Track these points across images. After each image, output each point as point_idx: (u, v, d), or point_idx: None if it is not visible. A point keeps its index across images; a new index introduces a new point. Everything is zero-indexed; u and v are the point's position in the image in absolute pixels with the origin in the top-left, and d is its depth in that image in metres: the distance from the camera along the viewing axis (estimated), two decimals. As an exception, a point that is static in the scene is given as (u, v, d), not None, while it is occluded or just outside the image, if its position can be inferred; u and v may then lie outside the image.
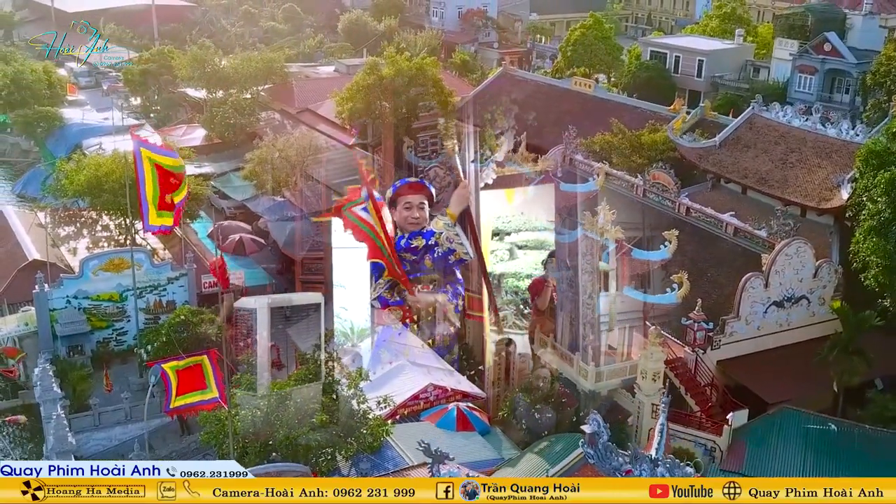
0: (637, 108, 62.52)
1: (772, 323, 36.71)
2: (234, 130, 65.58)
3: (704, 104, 59.48)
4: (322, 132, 63.80)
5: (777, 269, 35.97)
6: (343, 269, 41.05)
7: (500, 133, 65.11)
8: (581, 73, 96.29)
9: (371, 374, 36.81)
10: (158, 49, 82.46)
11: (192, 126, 70.33)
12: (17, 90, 72.85)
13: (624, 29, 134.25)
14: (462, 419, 33.48)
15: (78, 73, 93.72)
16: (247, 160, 56.53)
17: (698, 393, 34.54)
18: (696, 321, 35.28)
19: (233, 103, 65.38)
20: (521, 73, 73.35)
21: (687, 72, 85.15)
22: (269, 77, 72.23)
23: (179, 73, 71.79)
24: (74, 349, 41.85)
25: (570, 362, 34.97)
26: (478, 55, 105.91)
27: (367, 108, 60.12)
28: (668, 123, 55.98)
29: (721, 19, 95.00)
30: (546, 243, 46.83)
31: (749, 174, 44.60)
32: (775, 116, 46.40)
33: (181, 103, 76.80)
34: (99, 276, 42.41)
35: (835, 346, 33.59)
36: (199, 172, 62.05)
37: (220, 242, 51.36)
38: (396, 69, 59.95)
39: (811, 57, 76.83)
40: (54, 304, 41.63)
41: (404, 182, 41.51)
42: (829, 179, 41.71)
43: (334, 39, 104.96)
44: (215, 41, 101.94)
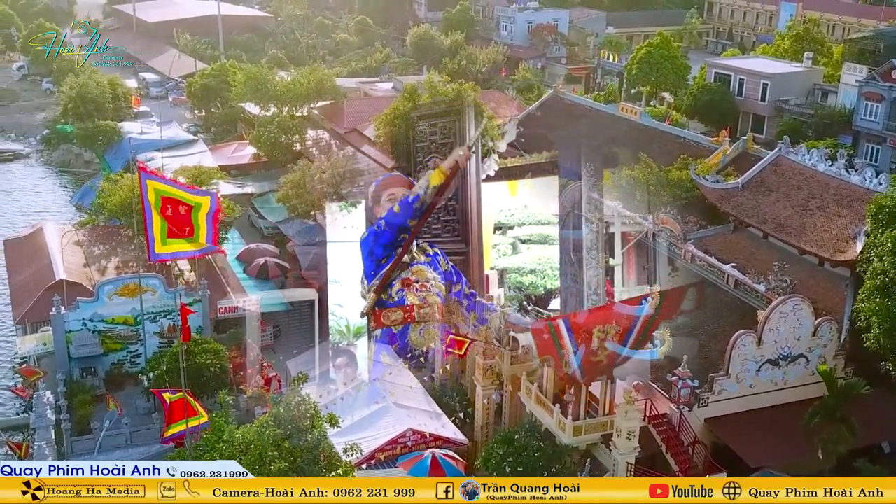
0: (680, 137, 61.40)
1: (766, 381, 35.58)
2: (281, 149, 66.52)
3: (747, 137, 57.92)
4: (366, 154, 64.41)
5: (771, 327, 34.83)
6: (338, 264, 40.84)
7: (503, 122, 64.84)
8: (647, 92, 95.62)
9: (367, 409, 37.36)
10: (220, 64, 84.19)
11: (243, 143, 71.64)
12: (81, 103, 75.37)
13: (704, 44, 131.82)
14: (436, 467, 33.32)
15: (150, 83, 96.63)
16: (281, 183, 57.46)
17: (679, 452, 33.71)
18: (682, 378, 34.47)
19: (279, 122, 66.33)
20: (570, 96, 72.66)
21: (751, 95, 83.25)
22: (321, 95, 73.05)
23: (234, 91, 73.26)
24: (88, 371, 43.24)
25: (550, 413, 34.53)
26: (545, 71, 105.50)
27: (405, 134, 60.32)
28: (709, 156, 55.02)
29: (793, 40, 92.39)
30: (550, 237, 46.38)
31: (768, 219, 43.33)
32: (801, 159, 44.95)
33: (238, 119, 78.34)
34: (114, 300, 43.67)
35: (817, 412, 32.37)
36: (240, 192, 63.48)
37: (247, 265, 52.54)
38: (433, 94, 60.01)
39: (878, 84, 74.15)
40: (70, 326, 43.05)
41: (388, 175, 40.67)
42: (847, 230, 40.25)
43: (403, 53, 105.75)
44: (287, 53, 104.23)
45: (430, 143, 56.08)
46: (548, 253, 47.79)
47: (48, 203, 74.91)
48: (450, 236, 49.07)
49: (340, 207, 46.76)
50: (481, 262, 48.16)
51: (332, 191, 57.16)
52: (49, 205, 74.57)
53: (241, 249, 54.48)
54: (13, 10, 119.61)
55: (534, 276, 47.97)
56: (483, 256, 48.46)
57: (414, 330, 37.59)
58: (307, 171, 56.63)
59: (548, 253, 47.79)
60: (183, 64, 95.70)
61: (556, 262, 46.07)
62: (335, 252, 43.70)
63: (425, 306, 37.86)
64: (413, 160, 54.21)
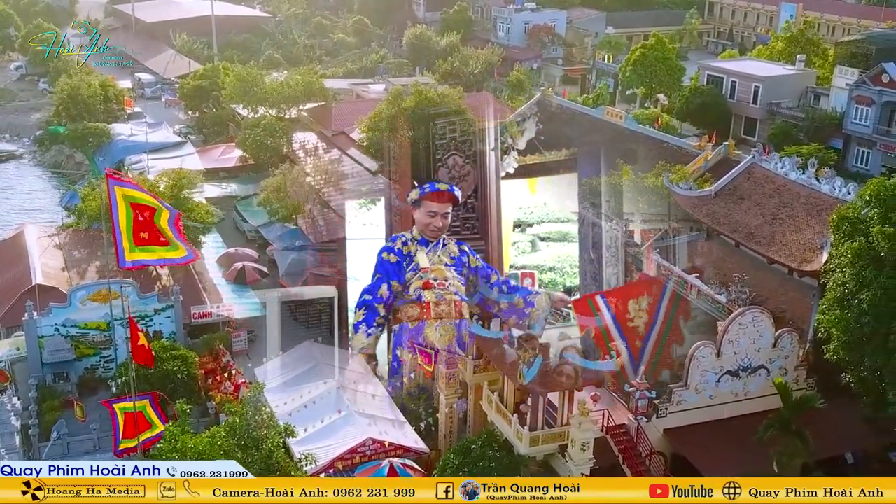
0: (664, 142, 61.26)
1: (726, 392, 35.58)
2: (267, 152, 66.67)
3: (729, 143, 57.80)
4: (351, 156, 64.59)
5: (731, 338, 34.83)
6: (358, 262, 41.04)
7: (522, 119, 64.82)
8: (642, 94, 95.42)
9: (329, 417, 37.54)
10: (213, 65, 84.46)
11: (231, 146, 71.86)
12: (73, 104, 75.78)
13: (705, 45, 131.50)
14: (393, 476, 33.48)
15: (146, 84, 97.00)
16: (262, 186, 57.67)
17: (636, 463, 33.74)
18: (639, 389, 34.49)
19: (265, 125, 66.54)
20: (558, 99, 72.53)
21: (743, 98, 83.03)
22: (310, 97, 73.23)
23: (223, 92, 73.52)
24: (60, 376, 43.49)
25: (508, 422, 34.58)
26: (542, 72, 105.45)
27: (391, 138, 60.43)
28: (690, 161, 54.95)
29: (787, 42, 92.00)
30: (569, 235, 46.66)
31: (739, 228, 43.24)
32: (774, 167, 44.85)
33: (228, 121, 78.59)
34: (87, 305, 43.89)
35: (771, 425, 32.34)
36: (225, 195, 63.75)
37: (225, 270, 52.72)
38: (419, 99, 60.09)
39: (868, 88, 73.92)
40: (43, 331, 43.30)
41: (434, 189, 40.19)
42: (814, 239, 40.15)
43: (400, 54, 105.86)
44: (284, 53, 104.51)
45: (450, 140, 56.90)
46: (567, 250, 48.16)
47: (44, 203, 75.18)
48: (469, 233, 49.54)
49: (360, 205, 47.07)
50: (501, 259, 48.49)
51: (315, 195, 57.44)
52: (45, 204, 74.85)
53: (221, 254, 54.60)
54: (14, 10, 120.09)
55: (553, 274, 48.22)
56: (502, 254, 48.82)
57: (430, 327, 37.76)
58: (288, 174, 56.82)
59: (567, 250, 48.16)
60: (178, 64, 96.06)
61: (575, 259, 46.51)
62: (355, 249, 43.95)
63: (442, 304, 38.04)
64: (432, 157, 54.50)
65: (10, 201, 76.20)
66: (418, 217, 39.10)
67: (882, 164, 72.70)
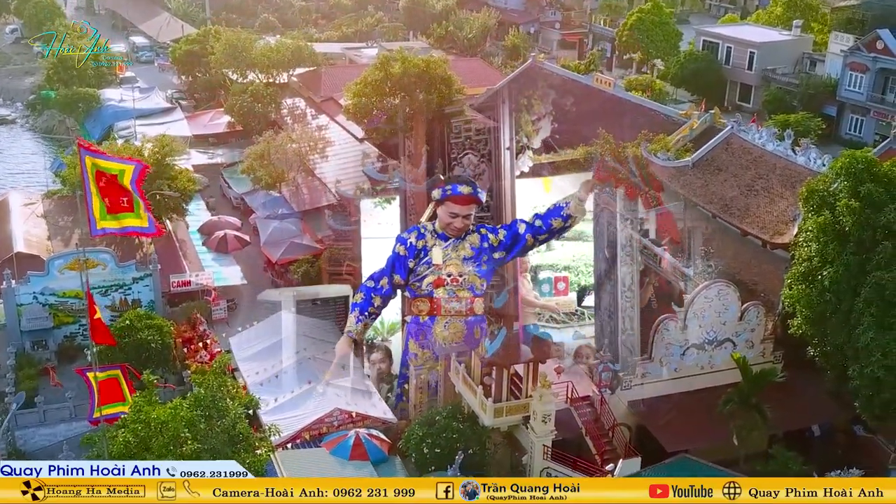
0: (652, 110, 60.68)
1: (692, 365, 35.75)
2: (255, 118, 66.41)
3: (714, 111, 57.26)
4: (338, 122, 64.36)
5: (696, 312, 34.92)
6: (373, 260, 41.24)
7: (537, 118, 64.42)
8: (639, 59, 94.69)
9: (298, 388, 37.91)
10: (205, 29, 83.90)
11: (220, 112, 71.64)
12: (63, 69, 75.56)
13: (707, 7, 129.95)
14: (358, 447, 33.84)
15: (140, 48, 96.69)
16: (246, 154, 57.58)
17: (598, 435, 34.03)
18: (602, 361, 34.67)
19: (252, 91, 66.30)
20: (549, 65, 71.75)
21: (738, 64, 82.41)
22: (300, 62, 72.81)
23: (212, 57, 73.20)
24: (38, 343, 43.93)
25: (474, 394, 34.88)
26: (539, 36, 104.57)
27: (378, 104, 59.97)
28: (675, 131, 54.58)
29: (785, 6, 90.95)
30: (584, 234, 46.70)
31: (715, 199, 43.00)
32: (751, 138, 44.59)
33: (219, 87, 78.28)
34: (65, 274, 44.21)
35: (730, 399, 32.51)
36: (211, 162, 63.78)
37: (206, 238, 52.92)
38: (405, 66, 59.63)
39: (862, 54, 73.36)
40: (21, 299, 43.69)
41: (457, 192, 38.27)
42: (787, 212, 39.98)
43: (396, 18, 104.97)
44: (279, 16, 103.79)
45: (465, 139, 56.29)
46: (582, 250, 48.20)
47: (38, 168, 75.24)
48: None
49: (375, 203, 47.19)
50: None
51: (298, 162, 57.30)
52: (37, 169, 74.91)
53: (204, 221, 54.74)
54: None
55: (568, 273, 48.50)
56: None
57: (439, 323, 37.87)
58: (272, 141, 56.69)
59: (582, 250, 48.20)
60: (173, 28, 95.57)
61: (590, 258, 46.62)
62: (370, 248, 44.27)
63: (453, 300, 38.03)
64: (447, 156, 54.36)
65: (3, 164, 76.40)
66: (440, 214, 38.13)
67: (875, 131, 72.20)
